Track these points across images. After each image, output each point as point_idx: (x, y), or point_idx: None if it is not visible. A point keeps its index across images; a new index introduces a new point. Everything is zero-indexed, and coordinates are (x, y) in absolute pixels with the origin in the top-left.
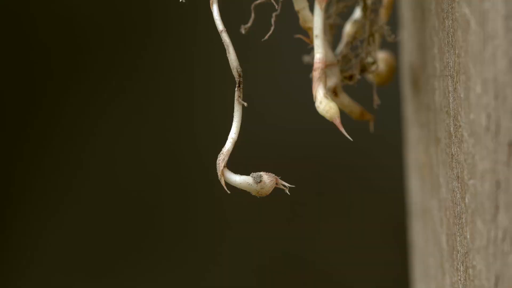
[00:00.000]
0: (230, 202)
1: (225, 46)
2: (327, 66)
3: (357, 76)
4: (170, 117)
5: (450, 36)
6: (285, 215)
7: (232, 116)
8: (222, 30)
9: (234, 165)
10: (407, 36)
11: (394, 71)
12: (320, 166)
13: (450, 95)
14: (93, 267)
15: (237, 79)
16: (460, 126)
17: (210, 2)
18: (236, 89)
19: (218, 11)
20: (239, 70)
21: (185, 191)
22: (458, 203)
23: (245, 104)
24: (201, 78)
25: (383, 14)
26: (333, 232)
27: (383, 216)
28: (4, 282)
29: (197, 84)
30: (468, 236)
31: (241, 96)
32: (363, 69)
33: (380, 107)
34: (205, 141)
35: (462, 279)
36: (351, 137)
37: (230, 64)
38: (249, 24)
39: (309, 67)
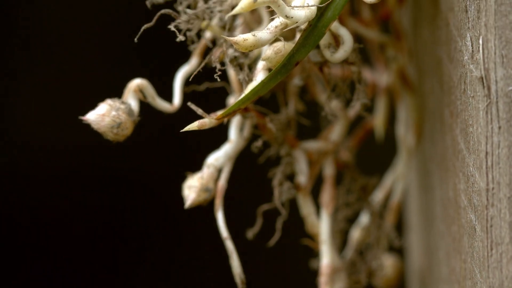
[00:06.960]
0: None
1: (229, 253)
2: (334, 272)
3: (364, 281)
4: None
5: (456, 242)
6: None
7: None
8: (226, 238)
9: None
10: (414, 240)
11: (401, 276)
12: None
13: None
14: None
15: (240, 286)
16: None
17: (215, 209)
18: None
19: (223, 218)
20: (242, 277)
21: None
22: None
23: None
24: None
25: (389, 218)
26: None
27: None
28: None
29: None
30: None
31: None
32: (370, 274)
33: None
34: None
35: None
36: None
37: (233, 270)
38: (256, 229)
39: (316, 272)
